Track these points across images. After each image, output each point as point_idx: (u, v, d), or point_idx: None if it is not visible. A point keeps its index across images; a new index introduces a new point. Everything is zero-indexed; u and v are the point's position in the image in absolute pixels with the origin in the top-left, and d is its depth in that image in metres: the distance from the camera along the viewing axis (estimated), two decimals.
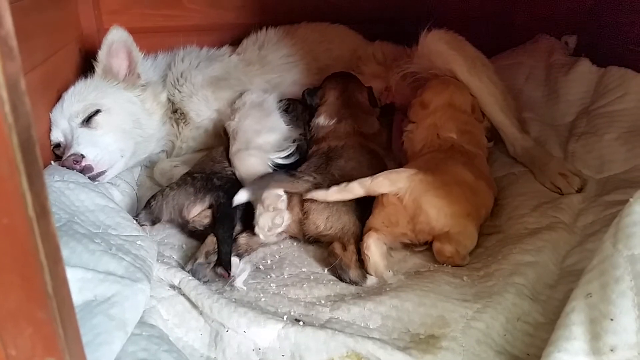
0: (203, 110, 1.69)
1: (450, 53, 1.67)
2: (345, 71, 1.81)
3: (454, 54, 1.66)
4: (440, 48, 1.69)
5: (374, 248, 1.16)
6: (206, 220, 1.31)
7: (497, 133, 1.63)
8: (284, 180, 1.27)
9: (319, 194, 1.21)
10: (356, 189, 1.20)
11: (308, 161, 1.46)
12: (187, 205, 1.32)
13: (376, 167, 1.42)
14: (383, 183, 1.19)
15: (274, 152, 1.45)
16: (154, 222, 1.35)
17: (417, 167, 1.25)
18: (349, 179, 1.24)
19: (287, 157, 1.47)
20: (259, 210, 1.25)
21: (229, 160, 1.46)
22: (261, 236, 1.23)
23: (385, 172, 1.22)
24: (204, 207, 1.32)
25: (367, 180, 1.19)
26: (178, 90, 1.70)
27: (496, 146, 1.62)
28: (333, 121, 1.59)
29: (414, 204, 1.18)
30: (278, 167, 1.42)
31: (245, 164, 1.40)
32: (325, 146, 1.50)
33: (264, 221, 1.22)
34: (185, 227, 1.34)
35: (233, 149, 1.44)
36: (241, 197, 1.24)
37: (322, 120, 1.61)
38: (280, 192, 1.26)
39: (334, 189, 1.20)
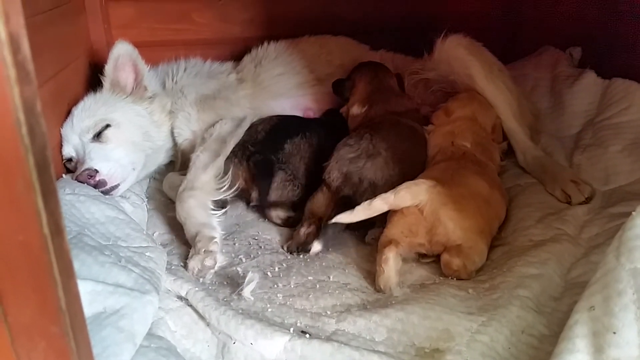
0: (184, 130, 1.67)
1: (468, 58, 1.68)
2: (372, 61, 1.83)
3: (472, 59, 1.67)
4: (459, 53, 1.70)
5: (392, 263, 1.16)
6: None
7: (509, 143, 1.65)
8: None
9: (344, 217, 1.22)
10: (380, 206, 1.20)
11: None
12: (234, 173, 1.48)
13: (414, 140, 1.52)
14: (405, 197, 1.20)
15: (216, 192, 1.44)
16: None
17: (434, 177, 1.27)
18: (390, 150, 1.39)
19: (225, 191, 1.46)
20: (190, 252, 1.26)
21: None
22: (192, 276, 1.22)
23: (406, 184, 1.22)
24: (248, 172, 1.49)
25: (389, 196, 1.20)
26: (174, 102, 1.70)
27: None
28: (365, 108, 1.64)
29: (433, 216, 1.19)
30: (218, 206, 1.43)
31: (184, 206, 1.38)
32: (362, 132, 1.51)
33: (193, 264, 1.22)
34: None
35: (180, 188, 1.43)
36: None
37: (355, 109, 1.66)
38: (215, 233, 1.30)
39: (358, 208, 1.20)
